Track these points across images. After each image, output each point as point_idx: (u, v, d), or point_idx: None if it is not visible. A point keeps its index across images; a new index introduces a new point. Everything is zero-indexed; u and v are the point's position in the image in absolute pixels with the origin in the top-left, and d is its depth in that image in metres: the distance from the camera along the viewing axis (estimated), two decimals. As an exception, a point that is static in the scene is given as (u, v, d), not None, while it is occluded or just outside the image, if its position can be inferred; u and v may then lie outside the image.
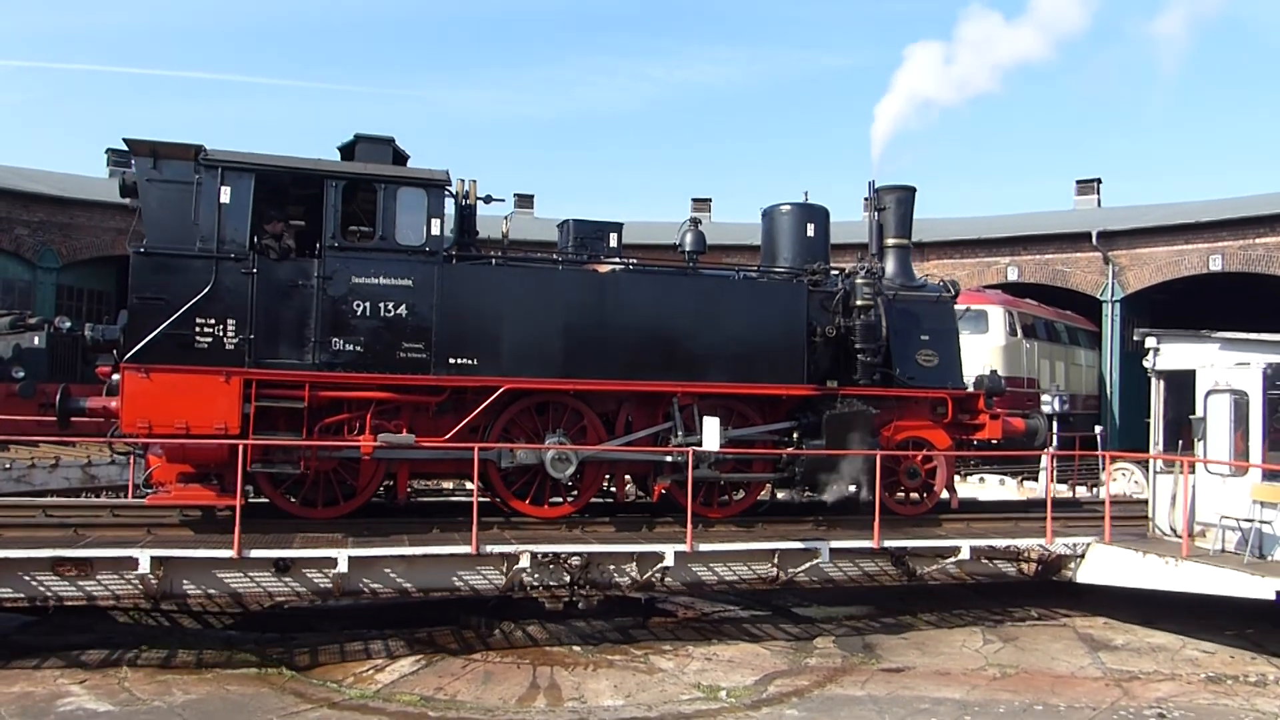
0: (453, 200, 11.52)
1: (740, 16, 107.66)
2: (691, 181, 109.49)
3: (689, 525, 10.75)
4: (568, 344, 11.57)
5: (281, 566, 9.79)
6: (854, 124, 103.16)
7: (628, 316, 11.85)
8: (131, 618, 11.20)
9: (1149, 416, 13.12)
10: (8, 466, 16.26)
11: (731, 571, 11.38)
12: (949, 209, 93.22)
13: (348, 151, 11.63)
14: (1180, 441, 12.71)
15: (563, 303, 11.64)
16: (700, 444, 11.64)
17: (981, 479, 20.37)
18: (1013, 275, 32.57)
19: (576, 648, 10.66)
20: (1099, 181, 38.27)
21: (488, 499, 13.98)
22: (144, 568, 9.10)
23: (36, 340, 22.35)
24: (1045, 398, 15.08)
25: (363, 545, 9.99)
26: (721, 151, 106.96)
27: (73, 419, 10.61)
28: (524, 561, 10.15)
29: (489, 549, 10.20)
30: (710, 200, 42.09)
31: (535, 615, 11.33)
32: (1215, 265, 29.46)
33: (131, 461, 14.65)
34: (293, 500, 11.18)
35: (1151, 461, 12.88)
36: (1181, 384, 12.62)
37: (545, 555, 10.46)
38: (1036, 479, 19.38)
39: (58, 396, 10.42)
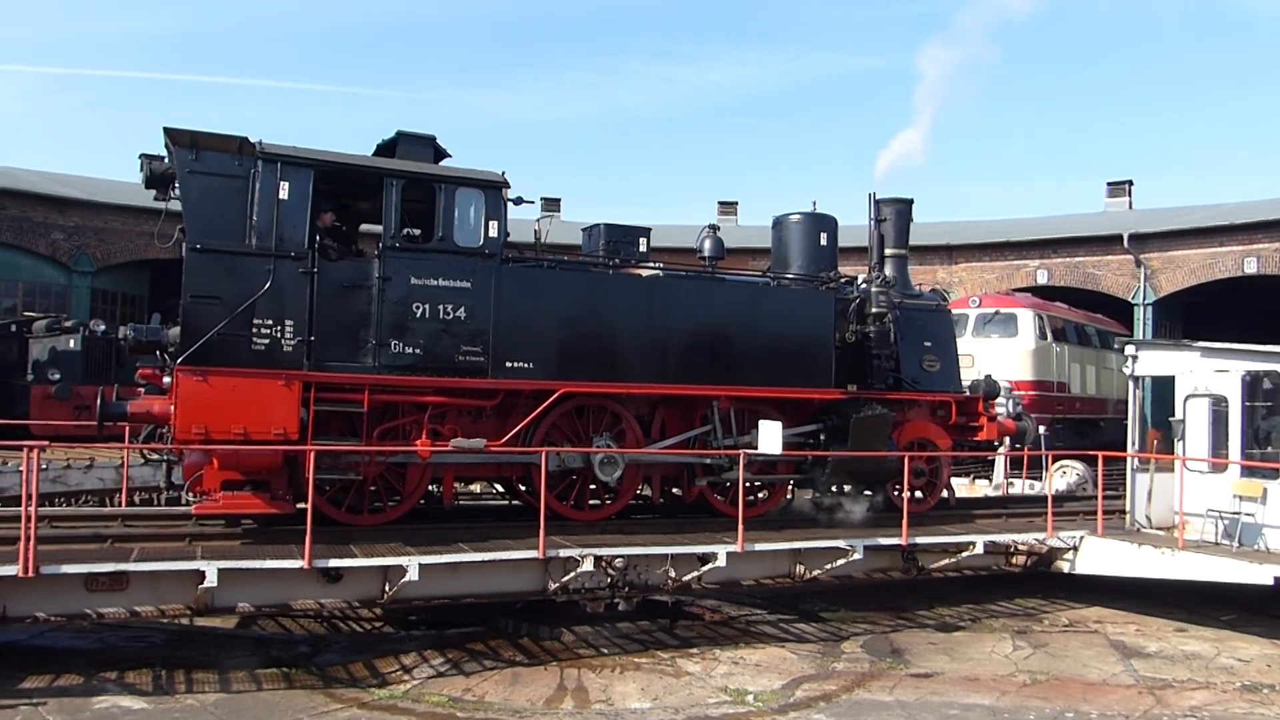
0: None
1: (770, 18, 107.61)
2: (718, 184, 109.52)
3: (740, 526, 10.88)
4: (618, 348, 11.62)
5: (334, 576, 9.43)
6: (882, 125, 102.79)
7: (674, 321, 11.94)
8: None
9: (1127, 418, 14.18)
10: (44, 467, 16.51)
11: (760, 570, 11.56)
12: (978, 212, 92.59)
13: (389, 149, 11.38)
14: (1156, 441, 13.88)
15: (613, 307, 11.68)
16: (743, 446, 12.02)
17: (1011, 482, 20.48)
18: (1042, 278, 32.31)
19: (604, 650, 10.68)
20: (1130, 183, 37.90)
21: (505, 501, 14.11)
22: (210, 581, 8.64)
23: (72, 343, 22.66)
24: (1000, 400, 15.62)
25: (430, 553, 9.60)
26: (749, 154, 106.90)
27: (109, 424, 10.30)
28: (586, 565, 10.10)
29: (558, 553, 10.09)
30: (736, 203, 42.19)
31: (562, 618, 11.35)
32: (1250, 268, 29.07)
33: (125, 466, 14.43)
34: (339, 508, 10.86)
35: (1130, 459, 13.68)
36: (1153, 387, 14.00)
37: (605, 558, 10.36)
38: (990, 478, 20.72)
39: (98, 402, 9.99)
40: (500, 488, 14.19)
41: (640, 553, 10.70)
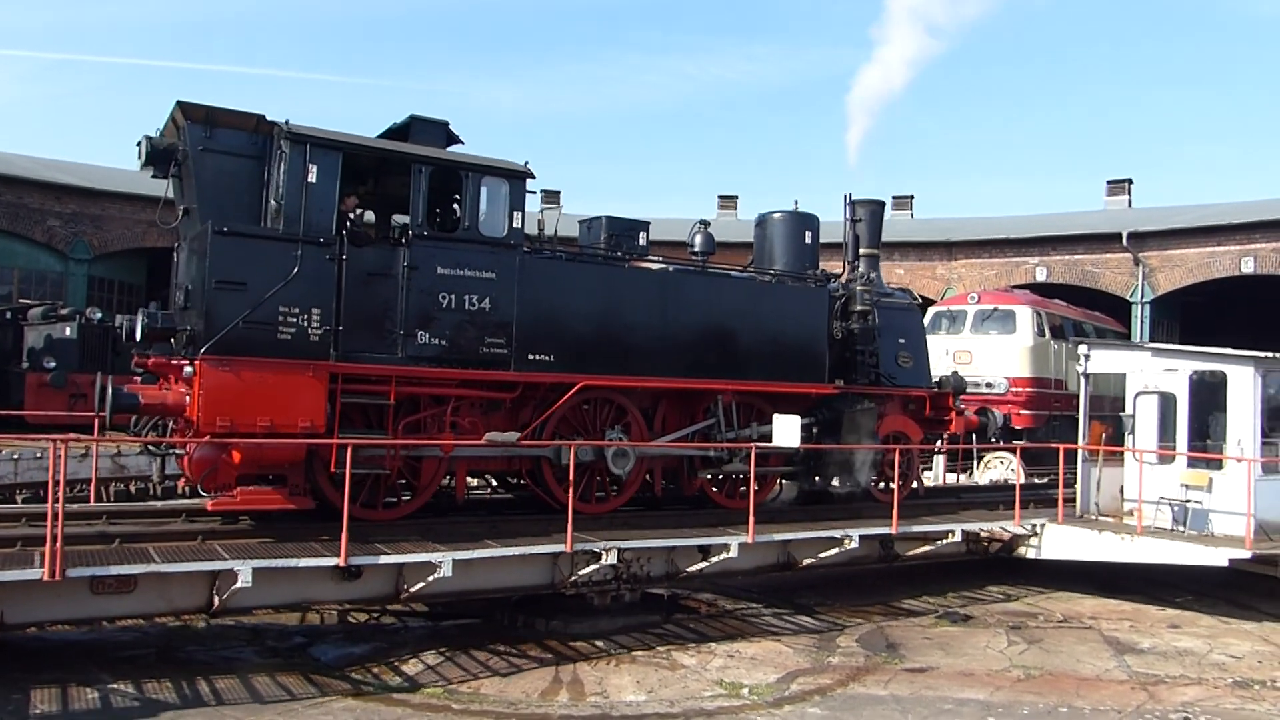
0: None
1: (777, 13, 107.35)
2: (720, 179, 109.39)
3: (751, 517, 11.05)
4: (634, 341, 11.67)
5: (354, 574, 9.16)
6: (884, 120, 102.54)
7: (685, 315, 12.06)
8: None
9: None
10: (38, 455, 16.49)
11: (753, 560, 11.75)
12: (978, 208, 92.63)
13: (401, 133, 11.15)
14: (1106, 435, 14.85)
15: (630, 300, 11.73)
16: (742, 439, 12.45)
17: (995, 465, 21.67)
18: (1041, 275, 32.35)
19: (599, 643, 10.68)
20: (1130, 182, 37.92)
21: (488, 494, 14.07)
22: (244, 580, 8.30)
23: (68, 331, 22.59)
24: None
25: (460, 548, 9.50)
26: (751, 149, 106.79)
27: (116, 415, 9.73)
28: (610, 559, 10.16)
29: (588, 547, 10.11)
30: (737, 198, 42.32)
31: (558, 610, 11.36)
32: (1248, 267, 29.13)
33: (95, 457, 13.75)
34: (352, 502, 10.33)
35: (1081, 451, 14.44)
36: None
37: (627, 551, 10.47)
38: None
39: (109, 393, 9.39)
40: (493, 480, 14.18)
41: (660, 545, 10.82)
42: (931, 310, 25.12)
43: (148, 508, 11.61)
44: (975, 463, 21.49)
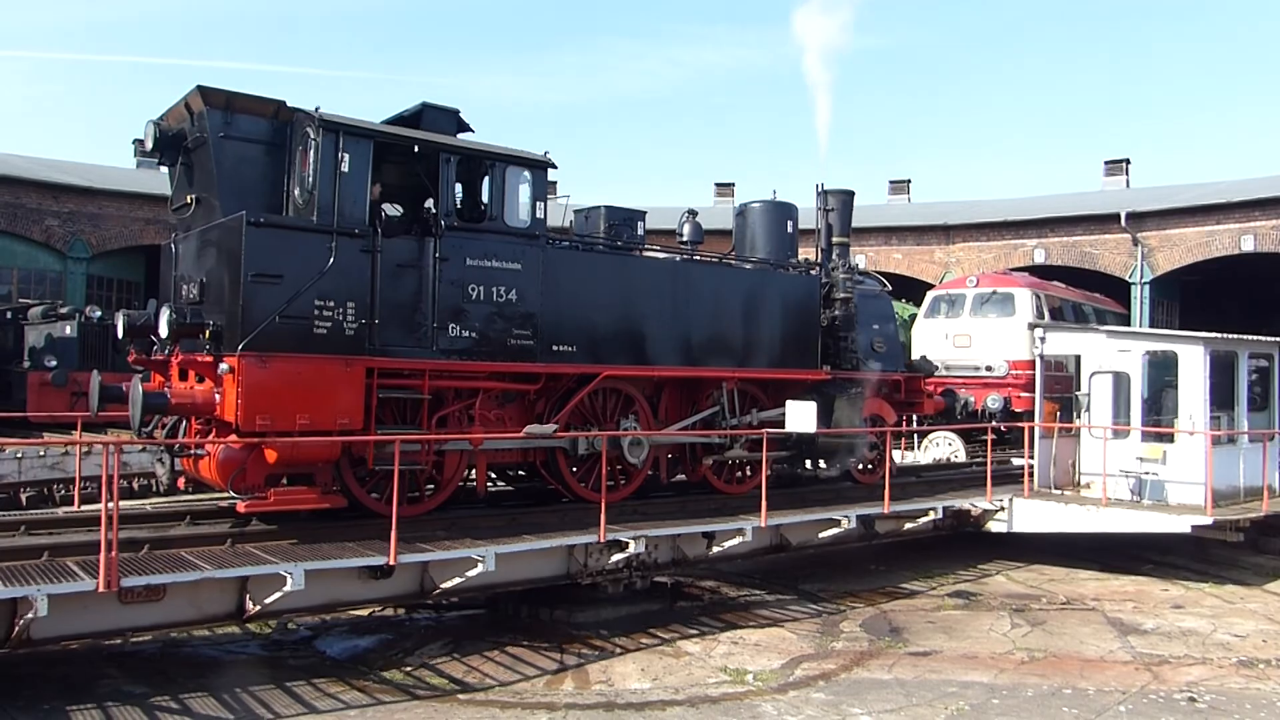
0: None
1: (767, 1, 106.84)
2: (716, 166, 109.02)
3: (764, 502, 11.25)
4: (649, 331, 11.77)
5: (385, 572, 8.95)
6: (879, 106, 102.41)
7: (696, 304, 12.21)
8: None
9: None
10: (42, 454, 16.52)
11: (743, 545, 11.78)
12: (975, 191, 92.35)
13: (412, 120, 10.96)
14: (1059, 413, 15.76)
15: (647, 290, 11.83)
16: (743, 426, 12.78)
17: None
18: (1040, 258, 32.29)
19: (604, 631, 10.71)
20: (1127, 162, 37.82)
21: (490, 486, 14.06)
22: (295, 584, 8.05)
23: (68, 330, 22.56)
24: None
25: (500, 543, 9.41)
26: (747, 136, 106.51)
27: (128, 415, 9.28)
28: (635, 547, 10.26)
29: (620, 536, 10.19)
30: (733, 185, 42.16)
31: (563, 599, 11.39)
32: (1247, 245, 29.07)
33: (78, 455, 13.19)
34: (375, 497, 10.12)
35: (1038, 429, 15.03)
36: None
37: (653, 540, 10.66)
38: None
39: (136, 393, 8.99)
40: (493, 473, 14.15)
41: (684, 532, 11.03)
42: (930, 294, 25.08)
43: (138, 509, 11.29)
44: (916, 441, 21.98)
